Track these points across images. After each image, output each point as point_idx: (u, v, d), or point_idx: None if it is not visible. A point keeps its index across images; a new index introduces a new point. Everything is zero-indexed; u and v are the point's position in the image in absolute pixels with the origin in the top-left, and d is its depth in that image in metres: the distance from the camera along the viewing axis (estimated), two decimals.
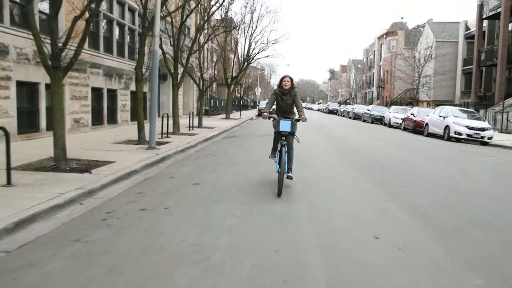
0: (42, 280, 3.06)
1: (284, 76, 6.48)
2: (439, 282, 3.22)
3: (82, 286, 2.95)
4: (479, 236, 4.35)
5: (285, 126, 5.92)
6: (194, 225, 4.39)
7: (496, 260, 3.76)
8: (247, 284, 3.00)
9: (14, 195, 5.23)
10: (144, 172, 7.79)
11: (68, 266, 3.31)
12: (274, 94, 6.46)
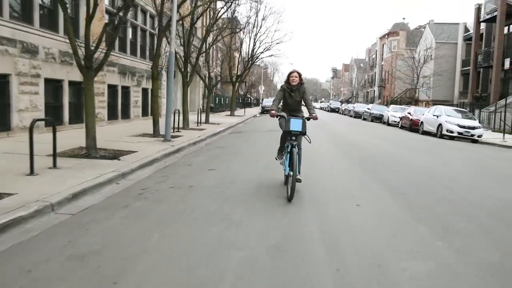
0: (108, 229, 4.15)
1: (291, 71, 6.00)
2: (397, 231, 4.33)
3: (140, 232, 4.03)
4: (440, 209, 5.41)
5: (296, 125, 5.47)
6: (214, 198, 5.47)
7: (442, 218, 4.92)
8: (259, 234, 4.07)
9: (63, 175, 6.32)
10: (163, 161, 8.88)
11: (124, 221, 4.40)
12: (282, 90, 6.00)
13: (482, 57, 31.37)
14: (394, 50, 51.67)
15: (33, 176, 6.09)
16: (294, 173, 5.27)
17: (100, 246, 3.64)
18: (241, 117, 28.25)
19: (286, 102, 6.02)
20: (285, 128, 5.64)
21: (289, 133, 5.58)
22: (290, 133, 5.58)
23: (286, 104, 6.05)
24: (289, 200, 5.31)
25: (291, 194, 5.27)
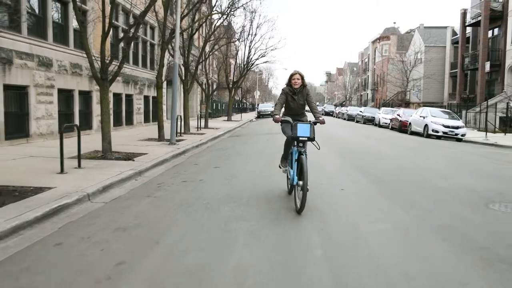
0: (139, 212, 5.11)
1: (293, 73, 5.67)
2: (369, 205, 5.39)
3: (166, 212, 5.01)
4: (409, 191, 6.42)
5: (304, 130, 5.12)
6: (223, 188, 6.45)
7: (409, 197, 5.99)
8: (265, 210, 5.06)
9: (89, 173, 7.29)
10: (172, 161, 9.86)
11: (150, 206, 5.37)
12: (284, 94, 5.67)
13: (469, 59, 32.66)
14: (386, 54, 53.03)
15: (64, 174, 7.05)
16: (305, 183, 4.75)
17: (137, 222, 4.62)
18: (238, 122, 29.27)
19: (289, 106, 5.72)
20: (292, 134, 5.21)
21: (296, 139, 5.18)
22: (297, 139, 5.17)
23: (288, 108, 5.75)
24: (298, 212, 4.93)
25: (301, 206, 4.86)
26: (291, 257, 3.61)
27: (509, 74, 27.42)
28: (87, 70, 14.57)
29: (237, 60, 32.51)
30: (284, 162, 5.95)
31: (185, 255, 3.63)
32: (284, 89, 5.75)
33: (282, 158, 5.99)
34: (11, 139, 10.61)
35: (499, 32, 29.21)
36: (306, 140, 5.18)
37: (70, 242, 3.97)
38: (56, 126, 12.63)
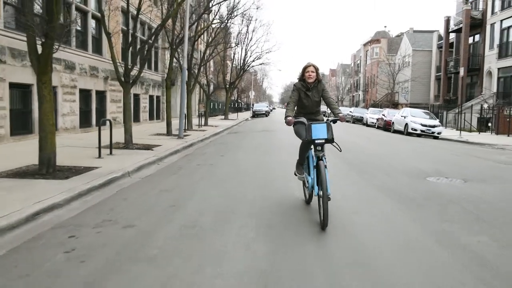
0: (171, 182, 6.92)
1: (306, 65, 5.01)
2: (342, 178, 7.21)
3: (191, 183, 6.83)
4: (374, 171, 8.28)
5: (320, 131, 4.52)
6: (230, 169, 8.28)
7: (371, 174, 7.79)
8: (262, 178, 6.89)
9: (121, 158, 9.07)
10: (183, 151, 11.66)
11: (178, 179, 7.19)
12: (296, 90, 5.02)
13: (452, 64, 34.76)
14: (376, 56, 55.09)
15: (101, 159, 8.83)
16: (325, 191, 4.18)
17: (172, 187, 6.44)
18: (234, 121, 31.08)
19: (302, 104, 5.05)
20: (306, 136, 4.59)
21: (311, 142, 4.59)
22: (313, 143, 4.58)
23: (301, 107, 5.09)
24: (323, 228, 4.24)
25: (324, 219, 4.18)
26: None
27: (487, 78, 29.53)
28: (103, 72, 16.37)
29: (233, 62, 34.32)
30: (300, 169, 5.24)
31: (211, 200, 5.46)
32: (296, 85, 5.06)
33: (297, 164, 5.25)
34: None
35: (480, 38, 31.31)
36: (324, 143, 4.54)
37: (131, 197, 5.79)
38: (78, 121, 14.38)
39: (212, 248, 3.71)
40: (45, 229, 4.29)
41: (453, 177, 7.78)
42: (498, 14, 28.18)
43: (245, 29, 31.02)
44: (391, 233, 4.37)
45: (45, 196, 5.28)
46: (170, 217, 4.73)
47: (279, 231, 4.27)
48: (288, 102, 5.12)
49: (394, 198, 5.98)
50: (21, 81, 11.33)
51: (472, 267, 3.46)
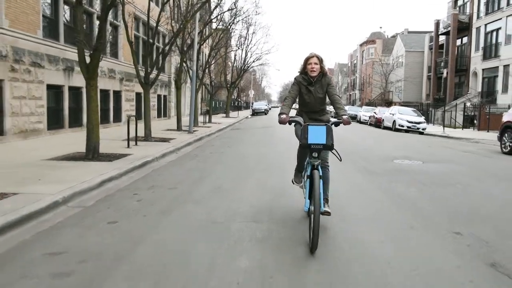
0: (192, 165, 8.73)
1: (309, 56, 4.30)
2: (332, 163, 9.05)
3: (208, 165, 8.65)
4: (357, 158, 10.09)
5: (317, 135, 3.79)
6: (238, 156, 10.09)
7: (355, 160, 9.57)
8: (265, 162, 8.70)
9: (145, 148, 10.88)
10: (194, 144, 13.48)
11: (197, 163, 9.01)
12: (296, 84, 4.35)
13: (442, 64, 36.64)
14: (371, 57, 56.95)
15: (130, 148, 10.63)
16: (317, 208, 3.50)
17: (194, 168, 8.26)
18: (235, 118, 32.91)
19: (303, 101, 4.41)
20: (301, 140, 3.93)
21: (307, 147, 3.88)
22: (309, 148, 3.87)
23: (303, 104, 4.45)
24: (311, 251, 3.52)
25: (313, 241, 3.45)
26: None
27: (473, 78, 31.42)
28: (119, 74, 18.17)
29: (234, 63, 36.12)
30: (298, 176, 4.63)
31: (227, 175, 7.29)
32: (296, 78, 4.37)
33: (296, 171, 4.66)
34: (72, 127, 14.15)
35: (467, 41, 33.19)
36: (321, 149, 3.84)
37: (165, 174, 7.62)
38: (99, 118, 16.15)
39: (234, 198, 5.55)
40: (113, 191, 6.11)
41: (416, 160, 9.66)
42: (483, 19, 30.05)
43: (245, 32, 32.84)
44: (356, 188, 6.25)
45: (102, 172, 7.09)
46: (200, 184, 6.56)
47: (277, 192, 6.10)
48: (286, 97, 4.38)
49: (364, 173, 7.84)
50: (55, 83, 13.12)
51: (403, 206, 5.31)
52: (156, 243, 3.76)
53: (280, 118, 4.00)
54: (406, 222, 4.67)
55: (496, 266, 3.38)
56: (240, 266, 3.24)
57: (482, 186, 6.91)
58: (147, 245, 3.72)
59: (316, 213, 3.48)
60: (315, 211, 3.49)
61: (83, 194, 5.74)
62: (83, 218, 4.65)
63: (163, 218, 4.58)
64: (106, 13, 8.47)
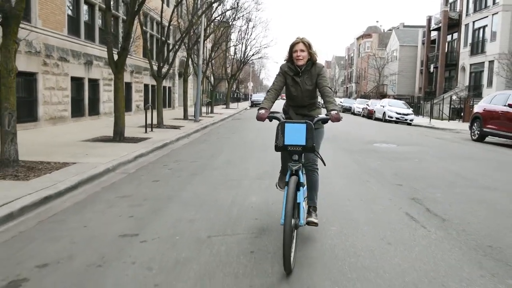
0: (204, 146, 10.37)
1: (295, 41, 3.63)
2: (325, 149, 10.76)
3: (216, 149, 10.30)
4: (347, 145, 11.76)
5: (295, 134, 3.16)
6: (241, 140, 11.73)
7: (344, 145, 11.24)
8: (263, 145, 10.34)
9: (161, 133, 12.49)
10: (202, 131, 15.11)
11: (207, 146, 10.65)
12: (281, 74, 3.74)
13: (434, 59, 38.24)
14: (368, 50, 58.47)
15: (148, 133, 12.25)
16: (289, 223, 2.84)
17: (207, 149, 9.91)
18: (235, 109, 34.49)
19: (290, 93, 3.81)
20: (276, 141, 3.24)
21: (284, 149, 3.24)
22: (286, 149, 3.23)
23: (290, 97, 3.86)
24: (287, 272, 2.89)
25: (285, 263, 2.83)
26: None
27: (461, 72, 33.06)
28: (130, 67, 19.69)
29: (235, 56, 37.60)
30: (283, 180, 3.92)
31: (234, 154, 8.93)
32: (282, 67, 3.79)
33: (280, 173, 4.21)
34: (91, 115, 15.74)
35: (457, 37, 34.77)
36: (300, 151, 3.21)
37: (183, 153, 9.26)
38: (113, 108, 17.74)
39: (242, 167, 7.22)
40: (146, 163, 7.75)
41: (392, 143, 11.39)
42: (471, 16, 31.61)
43: (245, 27, 34.27)
44: (337, 162, 7.96)
45: (133, 150, 8.72)
46: (214, 159, 8.22)
47: (274, 164, 7.75)
48: (268, 90, 3.77)
49: (346, 151, 9.54)
50: (77, 75, 14.68)
51: (368, 172, 7.00)
52: (192, 191, 5.42)
53: (258, 114, 3.35)
54: (366, 179, 6.47)
55: (414, 199, 5.27)
56: (252, 200, 4.94)
57: (436, 161, 8.61)
58: (187, 192, 5.38)
59: (289, 227, 2.79)
60: (287, 224, 2.79)
61: (124, 164, 7.39)
62: (131, 179, 6.29)
63: (192, 178, 6.24)
64: (132, 19, 10.02)
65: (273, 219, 4.25)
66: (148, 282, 2.79)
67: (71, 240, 3.57)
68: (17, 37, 6.06)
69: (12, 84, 6.08)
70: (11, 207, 4.31)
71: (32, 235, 3.72)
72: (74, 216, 4.34)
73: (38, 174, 5.91)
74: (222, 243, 3.50)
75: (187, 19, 16.20)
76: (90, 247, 3.40)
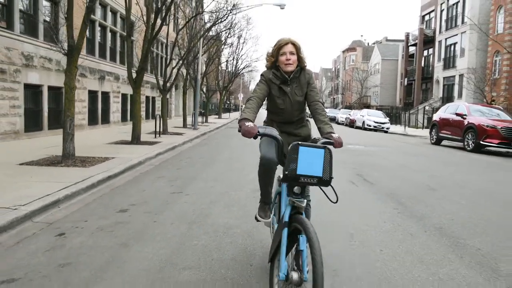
0: (207, 148, 12.61)
1: (282, 42, 2.92)
2: None
3: (219, 149, 12.55)
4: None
5: (310, 162, 2.38)
6: (237, 144, 13.99)
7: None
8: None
9: (168, 138, 14.70)
10: (201, 137, 17.34)
11: (208, 148, 12.88)
12: (264, 82, 2.96)
13: (412, 72, 41.18)
14: (352, 63, 61.57)
15: (157, 138, 14.44)
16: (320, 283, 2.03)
17: (209, 150, 12.15)
18: (228, 119, 36.80)
19: (275, 107, 3.05)
20: (285, 169, 2.38)
21: (296, 179, 2.38)
22: (297, 180, 2.38)
23: (274, 111, 3.10)
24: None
25: None
26: None
27: (436, 85, 35.94)
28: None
29: (227, 69, 40.04)
30: (263, 209, 3.16)
31: (234, 153, 11.17)
32: (264, 75, 2.99)
33: (260, 203, 3.22)
34: (103, 124, 17.88)
35: (432, 52, 37.75)
36: (313, 184, 2.41)
37: (191, 153, 11.48)
38: (120, 117, 19.91)
39: (242, 161, 9.47)
40: (166, 159, 9.95)
41: (361, 145, 13.78)
42: (444, 33, 34.61)
43: (237, 42, 36.76)
44: None
45: (152, 150, 10.92)
46: (218, 156, 10.49)
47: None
48: (249, 98, 2.90)
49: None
50: (93, 88, 16.85)
51: (336, 162, 9.31)
52: (208, 174, 7.66)
53: (245, 128, 2.51)
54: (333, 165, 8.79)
55: (359, 175, 7.71)
56: (250, 177, 7.21)
57: (388, 156, 11.02)
58: (204, 174, 7.62)
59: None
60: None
61: (150, 159, 9.60)
62: (159, 169, 8.51)
63: (205, 168, 8.49)
64: (150, 44, 12.28)
65: None
66: (197, 208, 5.03)
67: (140, 196, 5.79)
68: (77, 64, 8.30)
69: (73, 98, 8.30)
70: (92, 181, 6.50)
71: (112, 195, 5.91)
72: (133, 187, 6.55)
73: (92, 164, 8.09)
74: (236, 194, 5.77)
75: (187, 39, 18.53)
76: (156, 198, 5.63)
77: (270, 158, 2.85)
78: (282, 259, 2.33)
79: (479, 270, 3.22)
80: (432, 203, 5.62)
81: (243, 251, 3.58)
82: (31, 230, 4.26)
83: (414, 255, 3.54)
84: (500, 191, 6.92)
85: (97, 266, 3.22)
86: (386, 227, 4.24)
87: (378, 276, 3.08)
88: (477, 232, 4.29)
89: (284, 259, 2.32)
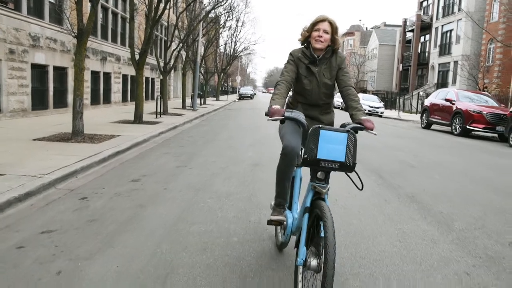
0: (210, 127, 13.20)
1: (318, 19, 2.84)
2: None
3: (219, 127, 13.16)
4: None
5: (332, 146, 2.32)
6: (236, 123, 14.57)
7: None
8: (254, 129, 13.23)
9: (169, 118, 15.25)
10: (200, 118, 17.90)
11: (209, 128, 13.47)
12: (292, 62, 2.87)
13: (409, 58, 41.58)
14: (350, 48, 61.70)
15: (159, 118, 15.00)
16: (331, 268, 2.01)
17: (210, 129, 12.76)
18: (225, 101, 37.25)
19: (302, 87, 2.92)
20: (306, 153, 2.34)
21: (315, 163, 2.34)
22: (318, 165, 2.34)
23: (300, 92, 2.97)
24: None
25: None
26: None
27: (431, 71, 36.44)
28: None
29: (225, 51, 40.28)
30: (278, 208, 2.89)
31: (232, 132, 11.80)
32: (293, 54, 2.90)
33: (275, 199, 2.93)
34: (104, 104, 18.38)
35: (428, 38, 38.10)
36: (335, 169, 2.36)
37: (193, 131, 12.09)
38: (121, 97, 20.40)
39: (240, 140, 10.08)
40: (168, 137, 10.55)
41: None
42: (440, 20, 34.93)
43: (235, 25, 36.91)
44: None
45: (154, 129, 11.50)
46: (218, 135, 11.11)
47: (262, 138, 10.66)
48: (277, 83, 2.79)
49: None
50: (96, 69, 17.30)
51: None
52: (208, 151, 8.28)
53: (272, 109, 2.47)
54: None
55: None
56: (248, 154, 7.84)
57: (379, 138, 11.60)
58: (205, 151, 8.24)
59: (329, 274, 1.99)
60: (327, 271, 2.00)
61: (153, 137, 10.21)
62: (163, 146, 9.12)
63: (206, 145, 9.11)
64: (152, 27, 12.71)
65: (264, 157, 7.20)
66: (201, 179, 5.67)
67: (149, 168, 6.42)
68: (86, 46, 8.80)
69: (82, 79, 8.85)
70: (103, 155, 7.12)
71: (123, 168, 6.54)
72: (140, 161, 7.18)
73: (100, 140, 8.69)
74: (235, 168, 6.42)
75: (187, 21, 18.92)
76: (163, 170, 6.26)
77: (295, 147, 2.71)
78: (301, 244, 2.30)
79: (436, 226, 3.91)
80: (410, 178, 6.29)
81: (242, 211, 4.23)
82: (56, 195, 4.89)
83: (386, 215, 4.22)
84: (474, 170, 7.60)
85: (120, 221, 3.87)
86: (365, 195, 4.89)
87: (354, 229, 3.76)
88: (443, 201, 4.97)
89: (303, 245, 2.29)
